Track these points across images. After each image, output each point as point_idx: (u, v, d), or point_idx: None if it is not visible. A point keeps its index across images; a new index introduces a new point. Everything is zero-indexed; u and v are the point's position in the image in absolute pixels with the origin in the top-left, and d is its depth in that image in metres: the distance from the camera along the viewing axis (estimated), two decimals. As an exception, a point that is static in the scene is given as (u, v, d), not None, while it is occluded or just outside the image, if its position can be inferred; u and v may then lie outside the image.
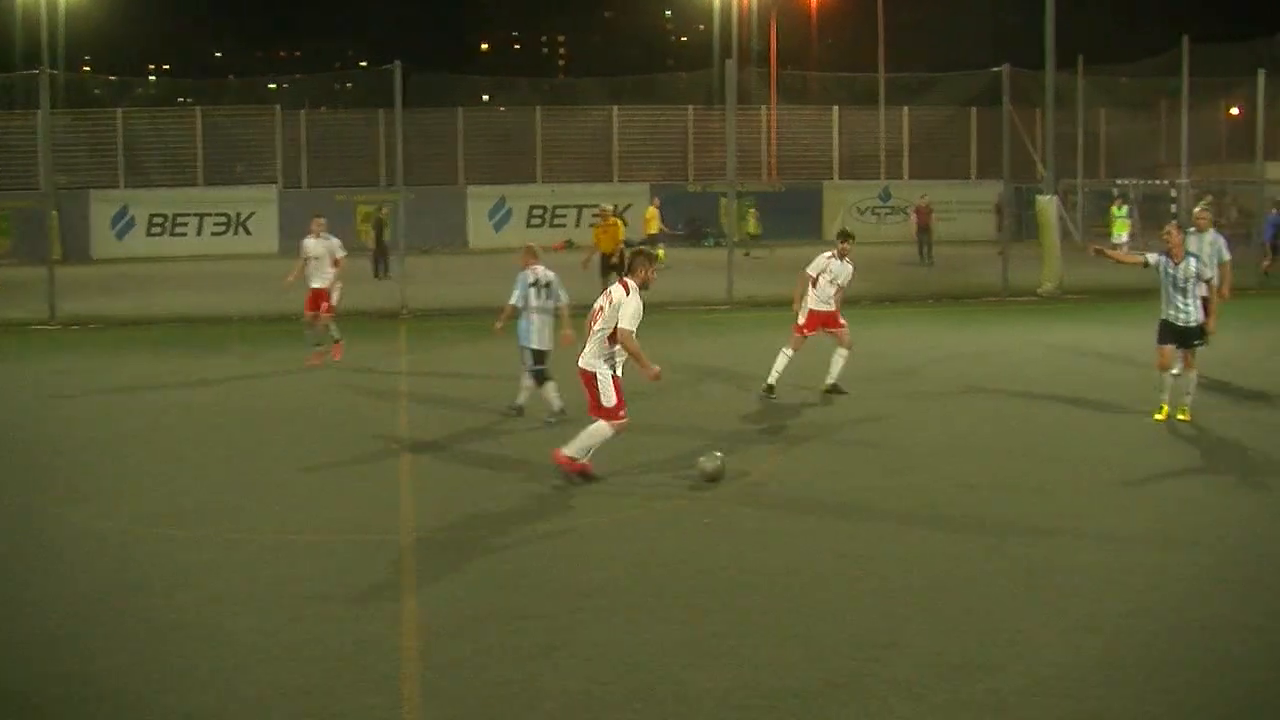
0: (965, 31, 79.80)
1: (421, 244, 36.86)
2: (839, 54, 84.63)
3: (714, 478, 13.67)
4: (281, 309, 28.10)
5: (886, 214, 56.00)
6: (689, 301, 31.58)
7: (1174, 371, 16.68)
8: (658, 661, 8.89)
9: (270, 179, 54.09)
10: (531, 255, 17.68)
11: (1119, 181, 50.67)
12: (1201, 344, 16.78)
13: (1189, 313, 16.48)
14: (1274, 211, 40.46)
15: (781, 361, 18.86)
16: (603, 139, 56.99)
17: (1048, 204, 35.28)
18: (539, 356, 17.31)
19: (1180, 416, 16.69)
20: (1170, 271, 16.55)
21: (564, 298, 17.51)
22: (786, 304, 19.98)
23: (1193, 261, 16.60)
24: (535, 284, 17.33)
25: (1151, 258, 16.92)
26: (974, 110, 55.87)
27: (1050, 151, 37.33)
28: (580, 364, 13.68)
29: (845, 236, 19.74)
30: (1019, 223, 41.73)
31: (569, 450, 13.68)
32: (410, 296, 30.84)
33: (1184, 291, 16.44)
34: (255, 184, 53.66)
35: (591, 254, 30.26)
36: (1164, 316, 16.70)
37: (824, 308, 19.06)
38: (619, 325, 13.25)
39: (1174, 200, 46.53)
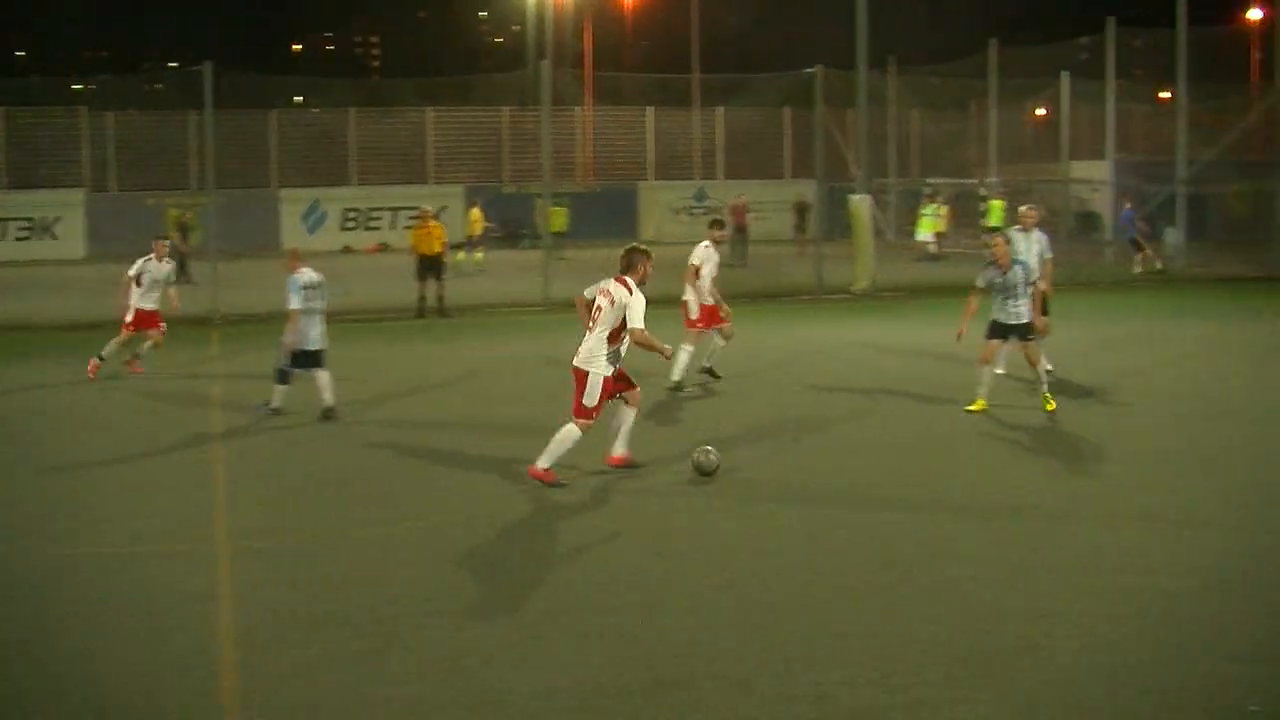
0: (779, 32, 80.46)
1: (233, 248, 35.90)
2: (654, 55, 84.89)
3: (708, 471, 13.71)
4: (92, 316, 27.12)
5: (702, 214, 56.01)
6: (504, 304, 31.23)
7: (998, 370, 16.88)
8: (483, 664, 8.70)
9: (77, 182, 52.48)
10: (295, 258, 17.95)
11: (930, 181, 51.32)
12: (1032, 339, 17.25)
13: (1019, 312, 17.00)
14: (1128, 207, 41.22)
15: (683, 358, 19.00)
16: (417, 141, 56.26)
17: (861, 203, 35.51)
18: (314, 357, 17.44)
19: (1048, 408, 17.16)
20: (999, 281, 16.98)
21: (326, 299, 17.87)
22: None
23: (1019, 269, 17.10)
24: (307, 286, 17.45)
25: (981, 282, 17.25)
26: (787, 110, 56.11)
27: (863, 151, 37.63)
28: (575, 362, 13.55)
29: (718, 224, 20.70)
30: (832, 222, 41.89)
31: (542, 463, 13.39)
32: (223, 302, 29.97)
33: (1015, 296, 16.93)
34: (61, 187, 51.94)
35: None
36: (995, 317, 17.17)
37: (710, 301, 19.53)
38: (630, 325, 13.21)
39: (983, 199, 47.17)
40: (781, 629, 9.29)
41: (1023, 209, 21.30)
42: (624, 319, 13.25)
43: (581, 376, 13.44)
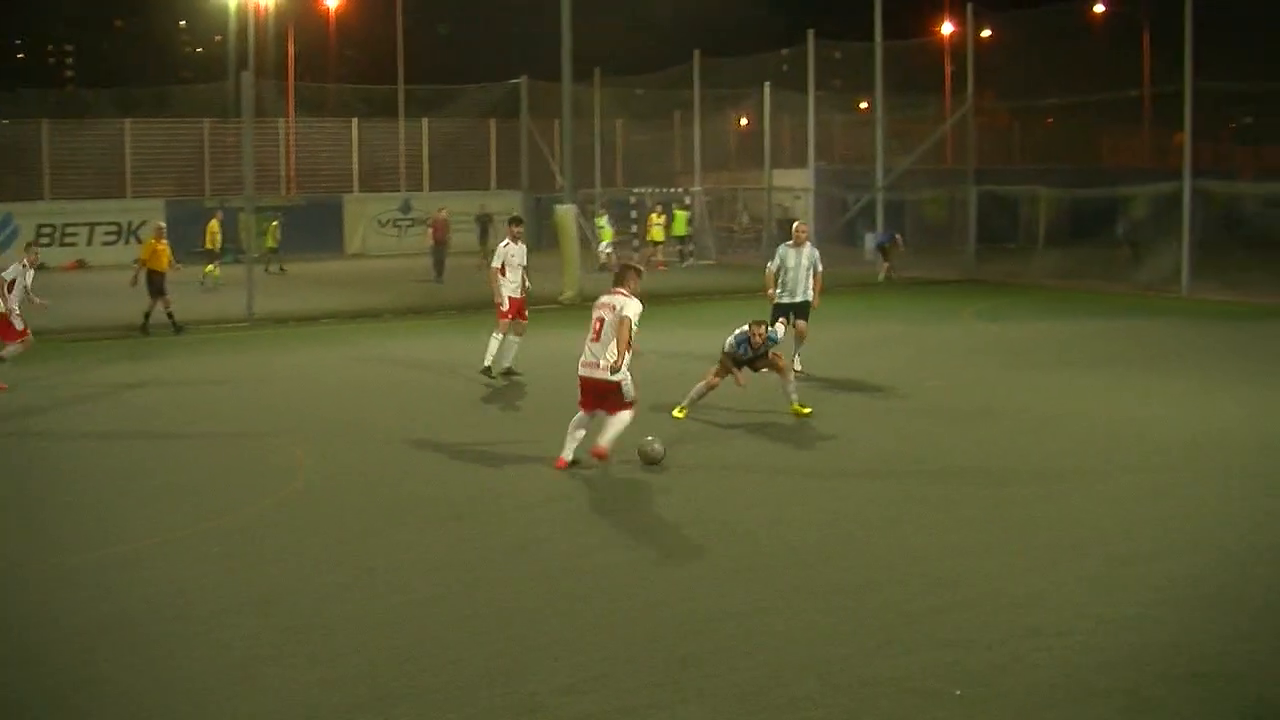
0: (486, 43, 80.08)
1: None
2: (359, 65, 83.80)
3: (654, 460, 14.50)
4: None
5: (408, 226, 55.37)
6: (206, 320, 30.18)
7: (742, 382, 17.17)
8: (187, 693, 8.36)
9: None
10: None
11: (634, 190, 51.69)
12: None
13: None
14: (883, 232, 42.12)
15: (493, 345, 20.96)
16: (115, 153, 54.25)
17: (566, 213, 35.39)
18: None
19: (804, 411, 17.45)
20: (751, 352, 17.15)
21: None
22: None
23: (770, 344, 17.26)
24: None
25: (727, 348, 17.34)
26: (493, 121, 55.90)
27: (568, 161, 37.53)
28: (591, 375, 14.42)
29: (517, 221, 22.46)
30: (539, 232, 41.76)
31: (602, 442, 14.26)
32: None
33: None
34: None
35: (140, 271, 28.83)
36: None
37: (518, 295, 21.24)
38: (624, 315, 14.25)
39: (688, 206, 47.58)
40: (496, 638, 9.17)
41: (796, 225, 22.32)
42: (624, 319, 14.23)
43: (609, 387, 14.31)
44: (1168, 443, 15.95)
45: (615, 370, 14.20)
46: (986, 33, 47.62)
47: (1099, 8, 51.74)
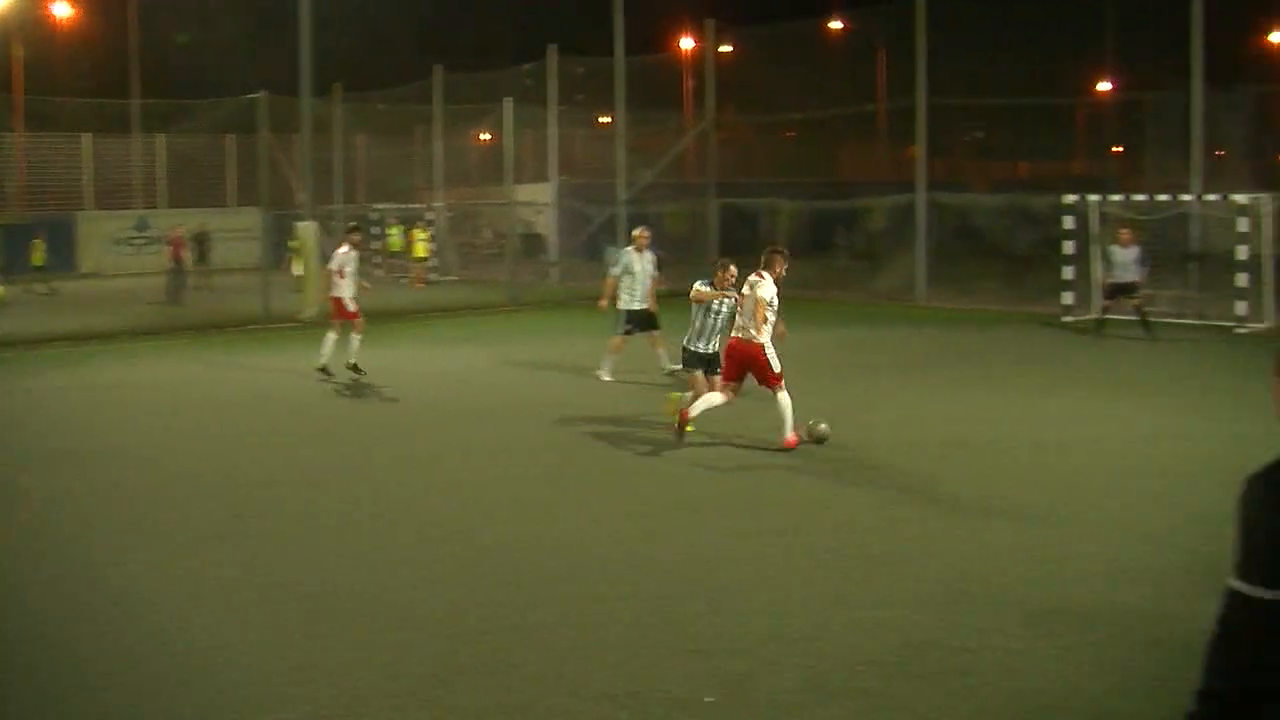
0: (225, 57, 78.40)
1: None
2: (92, 78, 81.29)
3: (821, 439, 16.10)
4: None
5: (144, 244, 53.88)
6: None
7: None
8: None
9: None
10: None
11: (375, 206, 51.14)
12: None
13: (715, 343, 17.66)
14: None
15: (328, 346, 22.76)
16: None
17: (307, 230, 34.82)
18: None
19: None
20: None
21: None
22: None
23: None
24: None
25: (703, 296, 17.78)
26: (232, 137, 54.75)
27: (308, 178, 36.92)
28: (742, 338, 16.36)
29: (354, 229, 24.54)
30: (278, 250, 40.89)
31: (788, 432, 15.99)
32: None
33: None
34: None
35: None
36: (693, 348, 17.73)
37: (352, 298, 22.94)
38: (759, 296, 16.15)
39: (430, 222, 47.24)
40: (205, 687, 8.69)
41: (636, 231, 22.89)
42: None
43: (755, 351, 16.15)
44: (922, 441, 16.38)
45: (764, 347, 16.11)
46: (727, 48, 48.23)
47: (836, 25, 52.76)
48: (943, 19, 37.60)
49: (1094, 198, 32.64)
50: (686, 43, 63.01)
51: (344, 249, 23.42)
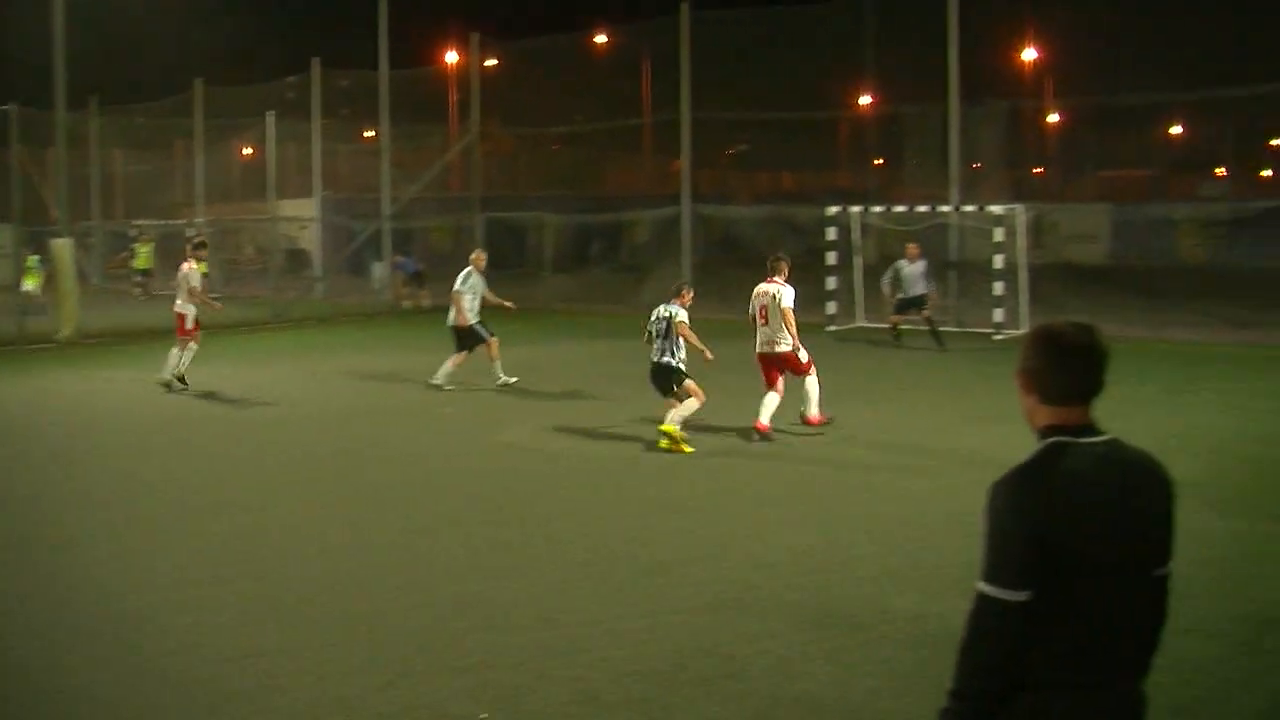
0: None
1: None
2: None
3: None
4: None
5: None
6: None
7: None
8: None
9: None
10: None
11: (135, 222, 49.93)
12: None
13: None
14: (400, 259, 41.55)
15: (172, 360, 22.87)
16: None
17: (63, 247, 33.76)
18: None
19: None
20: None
21: None
22: None
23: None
24: None
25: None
26: (-19, 151, 52.96)
27: (63, 193, 35.88)
28: (768, 351, 17.62)
29: (202, 246, 25.16)
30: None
31: (812, 411, 17.91)
32: None
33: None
34: None
35: None
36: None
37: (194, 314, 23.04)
38: (784, 306, 17.31)
39: (190, 240, 46.23)
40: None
41: (474, 254, 23.54)
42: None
43: (782, 357, 17.52)
44: (678, 459, 16.38)
45: (796, 350, 17.42)
46: (492, 62, 48.13)
47: (601, 38, 53.03)
48: (706, 33, 38.05)
49: (856, 209, 33.32)
50: (451, 56, 62.75)
51: (188, 265, 23.49)
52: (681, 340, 17.01)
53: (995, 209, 30.78)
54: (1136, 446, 4.29)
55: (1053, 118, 73.71)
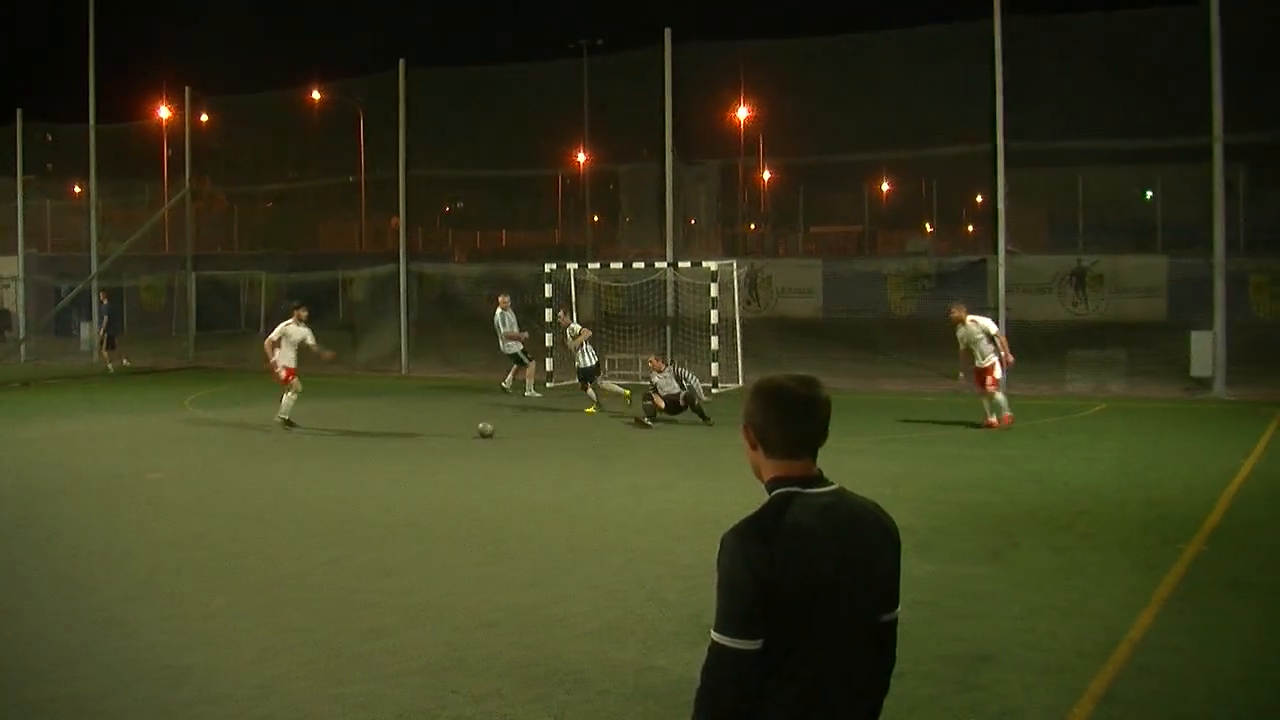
0: None
1: None
2: None
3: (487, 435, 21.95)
4: None
5: None
6: None
7: None
8: None
9: None
10: None
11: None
12: None
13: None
14: (104, 301, 39.76)
15: None
16: None
17: None
18: None
19: None
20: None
21: None
22: None
23: None
24: None
25: None
26: None
27: None
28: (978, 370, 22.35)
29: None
30: None
31: (1005, 411, 22.60)
32: None
33: None
34: None
35: None
36: None
37: None
38: (988, 330, 22.64)
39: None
40: None
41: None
42: None
43: (986, 369, 22.60)
44: (405, 509, 16.31)
45: None
46: (205, 117, 47.21)
47: (316, 95, 52.48)
48: (423, 90, 38.00)
49: (572, 266, 33.51)
50: (163, 111, 61.36)
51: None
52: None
53: (710, 264, 31.25)
54: (862, 497, 4.35)
55: (766, 176, 75.65)
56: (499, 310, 30.17)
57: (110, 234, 44.73)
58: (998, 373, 23.18)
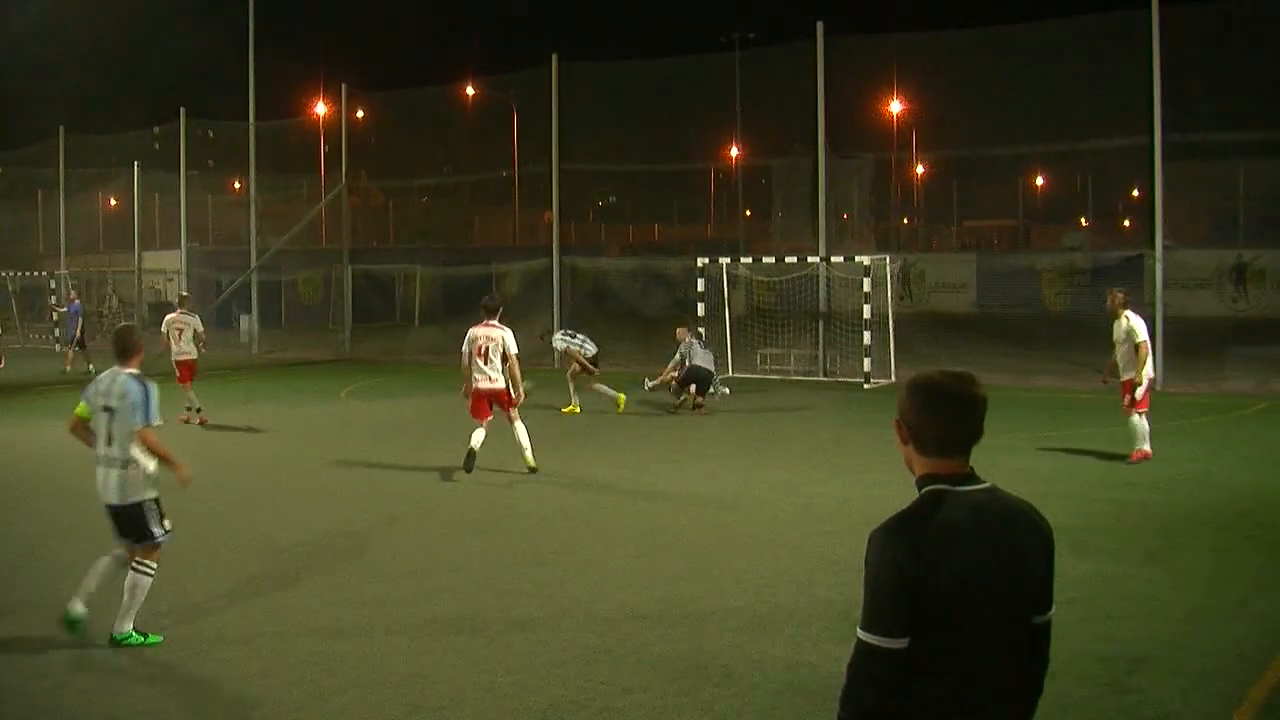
0: None
1: None
2: None
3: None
4: None
5: None
6: None
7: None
8: None
9: None
10: None
11: (-1, 273, 48.98)
12: None
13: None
14: (75, 300, 39.43)
15: None
16: None
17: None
18: None
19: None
20: None
21: None
22: None
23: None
24: None
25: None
26: None
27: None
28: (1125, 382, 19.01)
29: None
30: None
31: (1144, 444, 19.01)
32: None
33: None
34: None
35: None
36: None
37: None
38: (1138, 341, 18.82)
39: (54, 291, 45.42)
40: None
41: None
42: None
43: (1133, 381, 18.86)
44: (551, 500, 16.29)
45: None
46: (361, 114, 47.90)
47: (470, 91, 52.98)
48: (575, 85, 38.17)
49: (725, 260, 33.49)
50: (320, 108, 62.40)
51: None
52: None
53: (863, 259, 31.05)
54: (1014, 495, 4.28)
55: (919, 169, 74.93)
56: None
57: (269, 228, 45.54)
58: (1139, 392, 18.73)
